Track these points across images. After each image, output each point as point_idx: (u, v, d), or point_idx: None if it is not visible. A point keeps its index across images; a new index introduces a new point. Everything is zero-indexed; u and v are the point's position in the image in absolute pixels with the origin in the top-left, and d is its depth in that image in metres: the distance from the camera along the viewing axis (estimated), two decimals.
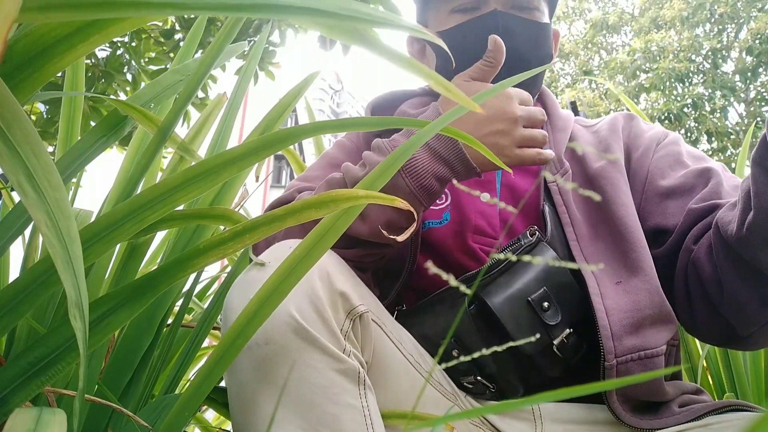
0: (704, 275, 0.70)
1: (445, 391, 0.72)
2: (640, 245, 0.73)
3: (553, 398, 0.21)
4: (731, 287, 0.67)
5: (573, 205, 0.78)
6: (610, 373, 0.67)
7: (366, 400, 0.59)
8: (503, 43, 0.72)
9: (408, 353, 0.69)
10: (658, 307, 0.70)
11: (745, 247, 0.63)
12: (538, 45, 0.83)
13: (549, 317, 0.69)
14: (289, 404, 0.57)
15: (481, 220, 0.81)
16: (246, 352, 0.59)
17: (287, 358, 0.58)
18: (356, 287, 0.65)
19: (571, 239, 0.75)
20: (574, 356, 0.71)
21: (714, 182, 0.76)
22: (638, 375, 0.21)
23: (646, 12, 11.34)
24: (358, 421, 0.57)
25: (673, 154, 0.82)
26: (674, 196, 0.78)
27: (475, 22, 0.81)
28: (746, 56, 10.15)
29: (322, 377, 0.57)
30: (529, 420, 0.73)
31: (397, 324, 0.72)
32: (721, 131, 10.01)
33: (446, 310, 0.74)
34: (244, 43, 0.99)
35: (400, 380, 0.67)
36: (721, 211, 0.69)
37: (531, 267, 0.71)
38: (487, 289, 0.70)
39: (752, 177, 0.61)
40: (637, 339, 0.68)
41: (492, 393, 0.73)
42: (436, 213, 0.83)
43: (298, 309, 0.59)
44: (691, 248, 0.73)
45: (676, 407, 0.70)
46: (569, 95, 10.78)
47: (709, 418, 0.66)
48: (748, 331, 0.70)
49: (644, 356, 0.68)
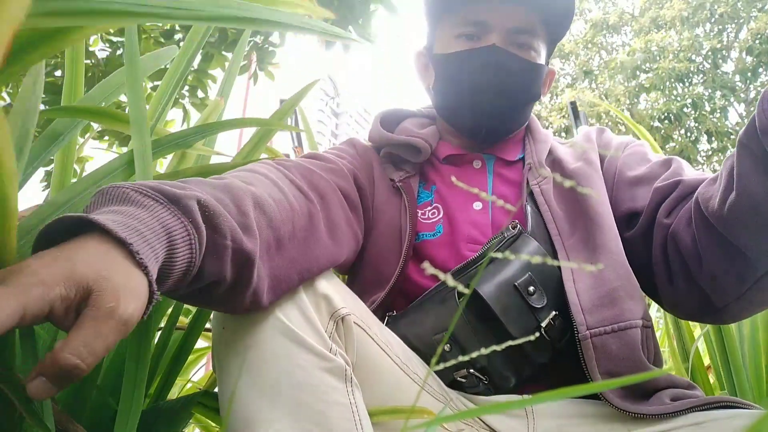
0: (683, 247, 0.73)
1: (435, 392, 0.73)
2: (607, 228, 0.78)
3: (546, 399, 0.21)
4: (709, 259, 0.70)
5: (554, 203, 0.82)
6: (586, 345, 0.70)
7: (354, 397, 0.61)
8: None
9: (394, 355, 0.70)
10: (625, 280, 0.74)
11: (725, 225, 0.66)
12: (528, 83, 0.88)
13: (535, 300, 0.72)
14: (279, 403, 0.58)
15: (473, 230, 0.84)
16: (235, 356, 0.62)
17: (276, 359, 0.60)
18: (339, 291, 0.67)
19: (553, 234, 0.80)
20: (561, 339, 0.74)
21: (675, 165, 0.83)
22: (631, 377, 0.22)
23: (646, 12, 11.35)
24: (347, 418, 0.59)
25: (640, 153, 0.89)
26: (641, 183, 0.83)
27: (473, 52, 0.86)
28: (746, 56, 10.16)
29: (310, 376, 0.59)
30: (522, 416, 0.74)
31: (384, 327, 0.74)
32: (721, 131, 10.02)
33: (436, 306, 0.76)
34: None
35: (385, 382, 0.68)
36: (703, 186, 0.72)
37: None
38: (476, 280, 0.73)
39: (737, 158, 0.62)
40: (608, 311, 0.72)
41: (485, 386, 0.74)
42: (429, 226, 0.87)
43: (284, 312, 0.62)
44: (664, 222, 0.77)
45: (667, 399, 0.70)
46: (569, 95, 10.79)
47: (699, 415, 0.66)
48: (724, 302, 0.72)
49: (617, 329, 0.71)
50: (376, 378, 0.67)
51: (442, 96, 0.93)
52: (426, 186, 0.92)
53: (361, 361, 0.66)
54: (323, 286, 0.65)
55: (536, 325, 0.72)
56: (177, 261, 0.49)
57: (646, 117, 10.24)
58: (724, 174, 0.65)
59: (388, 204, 0.88)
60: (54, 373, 0.39)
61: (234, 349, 0.62)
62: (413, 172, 0.92)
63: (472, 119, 0.89)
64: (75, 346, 0.39)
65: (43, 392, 0.39)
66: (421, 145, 0.90)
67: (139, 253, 0.44)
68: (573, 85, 11.94)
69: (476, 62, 0.86)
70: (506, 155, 0.93)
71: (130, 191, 0.50)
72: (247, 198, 0.59)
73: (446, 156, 0.93)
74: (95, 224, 0.44)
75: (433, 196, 0.91)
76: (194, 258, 0.50)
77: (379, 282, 0.84)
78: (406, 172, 0.91)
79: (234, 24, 0.34)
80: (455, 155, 0.93)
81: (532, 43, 0.87)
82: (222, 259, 0.53)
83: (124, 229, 0.45)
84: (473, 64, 0.86)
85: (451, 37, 0.89)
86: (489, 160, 0.93)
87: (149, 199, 0.49)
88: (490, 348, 0.33)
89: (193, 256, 0.50)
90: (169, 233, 0.48)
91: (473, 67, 0.86)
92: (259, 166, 0.72)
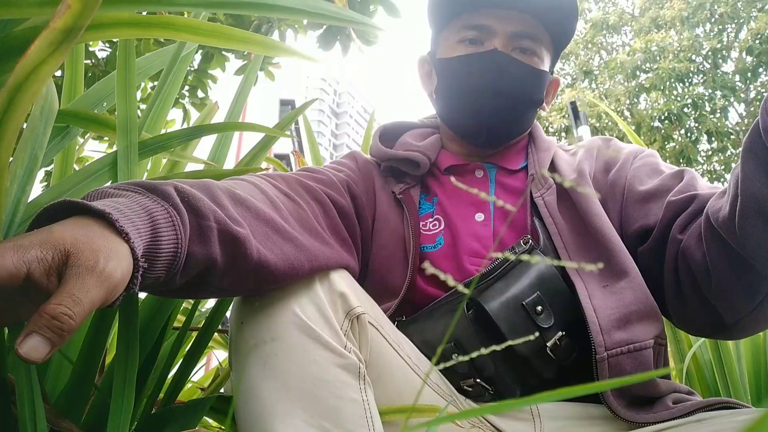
0: (694, 263, 0.72)
1: (444, 393, 0.74)
2: (619, 250, 0.77)
3: (551, 398, 0.21)
4: (718, 275, 0.69)
5: (559, 216, 0.81)
6: (602, 366, 0.70)
7: (366, 394, 0.62)
8: None
9: (405, 355, 0.72)
10: (643, 304, 0.73)
11: (733, 235, 0.65)
12: (528, 88, 0.88)
13: (542, 320, 0.72)
14: (293, 397, 0.60)
15: (475, 243, 0.84)
16: (253, 349, 0.63)
17: (292, 354, 0.61)
18: (355, 291, 0.68)
19: (559, 247, 0.79)
20: (566, 358, 0.73)
21: (688, 177, 0.81)
22: (633, 376, 0.22)
23: (646, 12, 11.34)
24: (359, 415, 0.60)
25: (651, 164, 0.87)
26: (654, 198, 0.81)
27: (476, 57, 0.87)
28: (746, 56, 10.14)
29: (324, 372, 0.61)
30: (528, 419, 0.75)
31: (396, 329, 0.75)
32: (721, 131, 10.01)
33: (444, 315, 0.77)
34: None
35: (396, 381, 0.69)
36: (712, 199, 0.71)
37: (525, 274, 0.74)
38: (484, 294, 0.73)
39: (741, 164, 0.62)
40: (625, 333, 0.71)
41: (491, 395, 0.75)
42: (430, 237, 0.87)
43: (302, 308, 0.63)
44: (678, 238, 0.75)
45: (670, 402, 0.71)
46: (569, 95, 10.77)
47: (702, 414, 0.68)
48: (735, 319, 0.72)
49: (633, 349, 0.70)
50: (388, 377, 0.69)
51: (444, 100, 0.93)
52: (428, 197, 0.92)
53: (374, 359, 0.67)
54: (340, 284, 0.67)
55: (542, 344, 0.72)
56: (163, 242, 0.49)
57: (646, 117, 10.24)
58: (732, 184, 0.65)
59: (390, 214, 0.89)
60: (45, 326, 0.39)
61: (251, 343, 0.64)
62: (414, 183, 0.92)
63: (473, 122, 0.89)
64: (61, 298, 0.40)
65: (38, 351, 0.39)
66: (419, 159, 0.90)
67: (118, 221, 0.45)
68: (573, 85, 11.93)
69: (478, 66, 0.86)
70: (508, 164, 0.93)
71: (109, 189, 0.52)
72: (224, 195, 0.60)
73: (448, 167, 0.93)
74: (77, 207, 0.46)
75: (434, 207, 0.91)
76: (180, 239, 0.51)
77: (385, 290, 0.84)
78: (406, 184, 0.91)
79: (241, 10, 0.33)
80: (456, 165, 0.93)
81: (535, 49, 0.88)
82: (209, 241, 0.54)
83: (104, 206, 0.46)
84: (475, 67, 0.87)
85: (454, 42, 0.90)
86: (491, 169, 0.93)
87: (128, 192, 0.51)
88: (490, 348, 0.33)
89: (178, 238, 0.50)
90: (150, 215, 0.49)
91: (475, 70, 0.87)
92: (242, 177, 0.73)
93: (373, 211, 0.89)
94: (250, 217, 0.61)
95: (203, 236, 0.54)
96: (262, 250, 0.59)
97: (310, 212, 0.73)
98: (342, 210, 0.81)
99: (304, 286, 0.65)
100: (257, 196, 0.66)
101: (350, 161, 0.96)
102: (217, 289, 0.60)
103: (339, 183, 0.85)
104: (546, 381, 0.74)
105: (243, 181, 0.69)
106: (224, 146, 1.00)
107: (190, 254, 0.52)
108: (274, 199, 0.68)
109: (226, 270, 0.57)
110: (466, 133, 0.92)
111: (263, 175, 0.76)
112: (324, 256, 0.68)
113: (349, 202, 0.84)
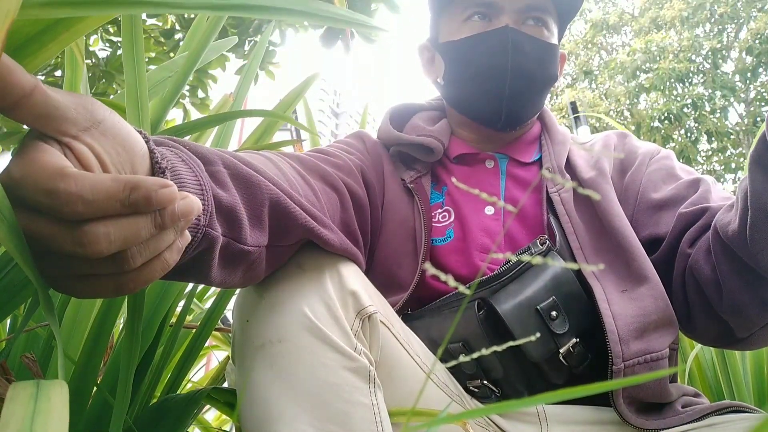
0: (702, 278, 0.70)
1: (451, 392, 0.72)
2: (639, 254, 0.74)
3: (559, 398, 0.21)
4: (730, 289, 0.67)
5: (575, 214, 0.78)
6: (618, 376, 0.67)
7: (376, 398, 0.60)
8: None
9: (415, 354, 0.69)
10: (662, 312, 0.71)
11: (743, 249, 0.63)
12: (545, 64, 0.84)
13: (557, 326, 0.69)
14: (301, 401, 0.57)
15: (485, 238, 0.81)
16: (260, 350, 0.60)
17: (300, 356, 0.58)
18: (366, 288, 0.65)
19: (575, 248, 0.76)
20: (579, 365, 0.71)
21: (703, 189, 0.78)
22: (643, 375, 0.21)
23: (646, 12, 11.34)
24: (368, 419, 0.58)
25: (666, 168, 0.84)
26: (666, 207, 0.79)
27: (486, 35, 0.82)
28: (746, 56, 10.15)
29: (334, 375, 0.58)
30: (535, 423, 0.73)
31: (405, 326, 0.72)
32: (721, 131, 10.02)
33: (453, 313, 0.74)
34: (232, 39, 0.99)
35: (406, 380, 0.67)
36: (720, 213, 0.69)
37: (541, 276, 0.71)
38: (497, 296, 0.71)
39: (750, 176, 0.60)
40: (643, 343, 0.69)
41: (497, 397, 0.73)
42: (440, 230, 0.84)
43: (311, 308, 0.60)
44: (687, 252, 0.73)
45: (679, 407, 0.70)
46: (569, 95, 10.77)
47: (713, 418, 0.67)
48: (749, 332, 0.70)
49: (650, 359, 0.68)
50: (398, 376, 0.66)
51: (454, 85, 0.88)
52: (437, 186, 0.89)
53: (384, 359, 0.65)
54: (351, 281, 0.63)
55: (555, 350, 0.69)
56: (183, 174, 0.45)
57: (646, 117, 10.24)
58: (740, 197, 0.63)
59: (400, 203, 0.85)
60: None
61: (257, 343, 0.61)
62: (424, 171, 0.88)
63: (490, 105, 0.84)
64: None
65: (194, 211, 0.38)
66: (434, 145, 0.86)
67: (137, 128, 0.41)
68: (573, 85, 11.93)
69: (490, 45, 0.81)
70: (520, 156, 0.89)
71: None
72: (230, 156, 0.54)
73: (458, 155, 0.89)
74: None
75: (444, 197, 0.87)
76: (200, 179, 0.46)
77: (392, 284, 0.81)
78: (417, 172, 0.87)
79: (243, 13, 0.33)
80: (467, 154, 0.89)
81: (546, 21, 0.84)
82: (227, 185, 0.50)
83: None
84: (487, 47, 0.82)
85: (459, 22, 0.85)
86: (502, 160, 0.89)
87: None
88: (491, 349, 0.32)
89: (197, 176, 0.46)
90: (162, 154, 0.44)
91: (487, 50, 0.82)
92: (259, 152, 0.67)
93: (381, 199, 0.85)
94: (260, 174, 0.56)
95: (220, 182, 0.50)
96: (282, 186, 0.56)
97: (324, 202, 0.68)
98: (358, 202, 0.77)
99: (314, 282, 0.62)
100: (272, 169, 0.61)
101: (358, 142, 0.90)
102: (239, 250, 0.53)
103: (355, 169, 0.80)
104: (554, 386, 0.72)
105: (259, 155, 0.63)
106: (225, 138, 0.99)
107: (217, 200, 0.48)
108: (290, 178, 0.63)
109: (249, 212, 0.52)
110: (483, 118, 0.87)
111: (279, 153, 0.71)
112: (338, 237, 0.65)
113: (364, 191, 0.80)
